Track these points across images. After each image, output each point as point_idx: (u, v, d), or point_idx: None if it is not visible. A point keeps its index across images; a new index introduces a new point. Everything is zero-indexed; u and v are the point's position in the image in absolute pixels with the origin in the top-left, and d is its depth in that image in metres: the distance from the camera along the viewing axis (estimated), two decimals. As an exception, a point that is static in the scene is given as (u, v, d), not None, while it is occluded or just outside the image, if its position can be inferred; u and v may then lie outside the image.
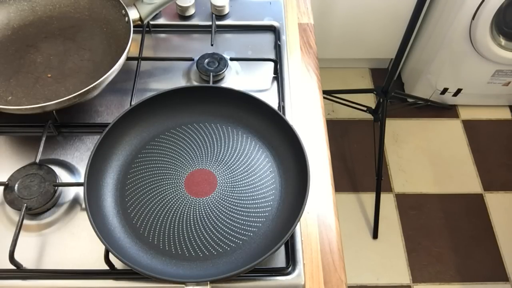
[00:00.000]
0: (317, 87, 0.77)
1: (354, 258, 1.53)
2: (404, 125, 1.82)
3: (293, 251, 0.59)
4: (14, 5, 0.75)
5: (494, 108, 1.85)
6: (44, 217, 0.61)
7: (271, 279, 0.57)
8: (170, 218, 0.59)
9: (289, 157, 0.63)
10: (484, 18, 1.41)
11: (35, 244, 0.59)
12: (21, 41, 0.73)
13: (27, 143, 0.68)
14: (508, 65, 1.59)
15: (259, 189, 0.62)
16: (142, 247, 0.57)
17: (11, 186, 0.61)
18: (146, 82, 0.75)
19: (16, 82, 0.69)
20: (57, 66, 0.71)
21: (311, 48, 0.82)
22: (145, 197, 0.61)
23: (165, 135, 0.66)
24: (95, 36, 0.74)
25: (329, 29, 1.72)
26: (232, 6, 0.84)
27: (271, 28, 0.82)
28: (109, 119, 0.70)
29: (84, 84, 0.63)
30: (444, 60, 1.62)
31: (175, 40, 0.81)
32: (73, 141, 0.69)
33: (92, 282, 0.57)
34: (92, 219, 0.53)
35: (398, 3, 1.59)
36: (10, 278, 0.57)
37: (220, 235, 0.58)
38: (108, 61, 0.69)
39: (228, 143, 0.66)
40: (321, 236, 0.62)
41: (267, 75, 0.76)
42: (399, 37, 1.43)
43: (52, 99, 0.61)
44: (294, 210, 0.57)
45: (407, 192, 1.66)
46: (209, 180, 0.63)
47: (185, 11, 0.82)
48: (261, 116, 0.66)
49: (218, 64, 0.75)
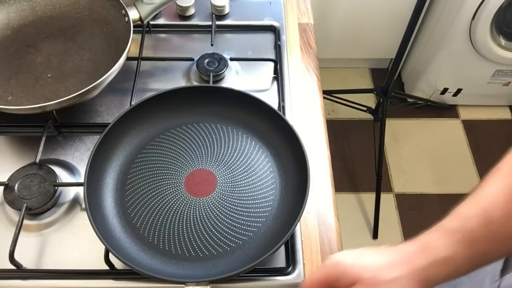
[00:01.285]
0: (317, 87, 0.77)
1: (354, 258, 1.53)
2: (404, 125, 1.81)
3: (293, 251, 0.59)
4: (14, 5, 0.75)
5: (494, 108, 1.85)
6: (44, 217, 0.61)
7: (271, 279, 0.57)
8: (170, 218, 0.59)
9: (289, 157, 0.63)
10: (484, 18, 1.41)
11: (35, 244, 0.59)
12: (21, 41, 0.73)
13: (27, 143, 0.68)
14: (508, 65, 1.59)
15: (259, 189, 0.62)
16: (142, 247, 0.57)
17: (11, 186, 0.60)
18: (146, 82, 0.75)
19: (16, 82, 0.69)
20: (57, 66, 0.71)
21: (311, 48, 0.82)
22: (145, 197, 0.61)
23: (165, 135, 0.66)
24: (95, 36, 0.74)
25: (329, 29, 1.72)
26: (232, 6, 0.84)
27: (271, 28, 0.82)
28: (109, 119, 0.70)
29: (84, 84, 0.63)
30: (444, 60, 1.62)
31: (175, 40, 0.81)
32: (73, 141, 0.68)
33: (92, 282, 0.57)
34: (92, 219, 0.53)
35: (398, 3, 1.59)
36: (10, 278, 0.57)
37: (220, 235, 0.58)
38: (108, 61, 0.69)
39: (228, 143, 0.66)
40: (321, 236, 0.62)
41: (267, 75, 0.76)
42: (399, 37, 1.43)
43: (52, 99, 0.60)
44: (294, 210, 0.57)
45: (407, 192, 1.66)
46: (209, 180, 0.63)
47: (185, 11, 0.82)
48: (261, 116, 0.66)
49: (218, 64, 0.75)
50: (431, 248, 0.42)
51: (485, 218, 0.41)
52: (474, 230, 0.41)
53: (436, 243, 0.42)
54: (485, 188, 0.44)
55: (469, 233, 0.41)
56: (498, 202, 0.42)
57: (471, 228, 0.42)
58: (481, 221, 0.42)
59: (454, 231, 0.42)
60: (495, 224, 0.41)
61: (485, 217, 0.41)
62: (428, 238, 0.43)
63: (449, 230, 0.42)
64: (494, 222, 0.41)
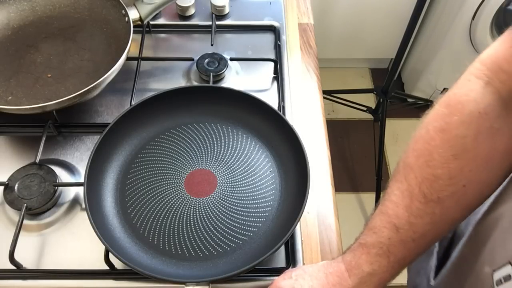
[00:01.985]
0: (317, 87, 0.77)
1: (354, 258, 1.53)
2: (404, 125, 1.81)
3: (293, 251, 0.59)
4: (14, 5, 0.75)
5: (494, 108, 1.85)
6: (44, 217, 0.61)
7: (271, 279, 0.57)
8: (170, 218, 0.59)
9: (289, 157, 0.63)
10: (484, 18, 1.41)
11: (35, 244, 0.59)
12: (21, 41, 0.73)
13: (27, 143, 0.68)
14: (508, 65, 1.59)
15: (259, 189, 0.62)
16: (142, 247, 0.57)
17: (11, 186, 0.60)
18: (146, 82, 0.75)
19: (16, 82, 0.69)
20: (57, 66, 0.71)
21: (311, 48, 0.82)
22: (145, 197, 0.61)
23: (165, 135, 0.66)
24: (95, 36, 0.74)
25: (329, 29, 1.72)
26: (232, 6, 0.84)
27: (271, 28, 0.82)
28: (109, 119, 0.70)
29: (84, 84, 0.63)
30: (444, 60, 1.62)
31: (175, 40, 0.81)
32: (73, 141, 0.68)
33: (92, 282, 0.57)
34: (92, 219, 0.53)
35: (398, 3, 1.59)
36: (10, 278, 0.57)
37: (220, 235, 0.58)
38: (108, 61, 0.69)
39: (228, 143, 0.66)
40: (321, 236, 0.62)
41: (267, 75, 0.76)
42: (399, 37, 1.43)
43: (52, 99, 0.60)
44: (294, 210, 0.57)
45: (407, 192, 1.66)
46: (209, 180, 0.63)
47: (185, 11, 0.82)
48: (261, 116, 0.66)
49: (218, 64, 0.75)
50: (357, 267, 0.46)
51: (392, 227, 0.45)
52: (387, 241, 0.45)
53: (359, 261, 0.46)
54: (388, 196, 0.47)
55: (384, 245, 0.45)
56: (399, 209, 0.45)
57: (384, 239, 0.45)
58: (390, 230, 0.45)
59: (370, 246, 0.46)
60: (401, 231, 0.44)
61: (392, 227, 0.45)
62: (353, 255, 0.47)
63: (367, 245, 0.46)
64: (400, 229, 0.44)
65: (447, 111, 0.44)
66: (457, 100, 0.44)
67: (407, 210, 0.44)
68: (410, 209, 0.44)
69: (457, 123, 0.43)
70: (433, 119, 0.46)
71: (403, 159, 0.47)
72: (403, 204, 0.44)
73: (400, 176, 0.46)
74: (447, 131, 0.43)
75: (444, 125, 0.44)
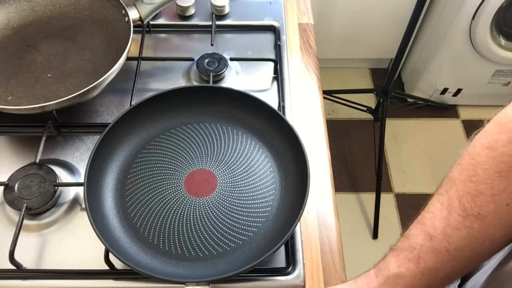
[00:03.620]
0: (317, 87, 0.77)
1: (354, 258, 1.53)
2: (404, 125, 1.82)
3: (293, 251, 0.59)
4: (14, 5, 0.75)
5: (494, 108, 1.84)
6: (44, 217, 0.61)
7: (271, 279, 0.57)
8: (170, 218, 0.59)
9: (289, 157, 0.63)
10: (484, 18, 1.41)
11: (35, 244, 0.59)
12: (21, 41, 0.73)
13: (27, 143, 0.68)
14: (508, 65, 1.59)
15: (259, 189, 0.62)
16: (142, 247, 0.57)
17: (11, 186, 0.60)
18: (146, 82, 0.75)
19: (16, 82, 0.69)
20: (57, 66, 0.71)
21: (311, 48, 0.82)
22: (145, 197, 0.61)
23: (165, 135, 0.66)
24: (95, 36, 0.74)
25: (329, 29, 1.72)
26: (232, 6, 0.84)
27: (271, 28, 0.82)
28: (109, 119, 0.70)
29: (84, 84, 0.63)
30: (444, 60, 1.62)
31: (175, 40, 0.81)
32: (73, 141, 0.68)
33: (92, 282, 0.57)
34: (92, 219, 0.53)
35: (398, 3, 1.59)
36: (10, 278, 0.57)
37: (220, 235, 0.58)
38: (108, 61, 0.69)
39: (228, 143, 0.66)
40: (321, 236, 0.62)
41: (267, 75, 0.76)
42: (399, 37, 1.43)
43: (52, 99, 0.60)
44: (294, 210, 0.57)
45: (407, 192, 1.66)
46: (209, 180, 0.63)
47: (185, 11, 0.82)
48: (261, 116, 0.66)
49: (218, 64, 0.75)
50: (384, 268, 0.46)
51: (426, 235, 0.45)
52: (418, 247, 0.45)
53: (387, 263, 0.47)
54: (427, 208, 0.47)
55: (415, 250, 0.45)
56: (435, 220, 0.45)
57: (415, 245, 0.45)
58: (423, 238, 0.45)
59: (401, 249, 0.46)
60: (435, 240, 0.44)
61: (426, 235, 0.45)
62: (383, 260, 0.48)
63: (398, 249, 0.46)
64: (434, 237, 0.44)
65: (496, 129, 0.44)
66: (507, 120, 0.44)
67: (444, 221, 0.44)
68: (447, 220, 0.44)
69: (505, 142, 0.42)
70: (482, 136, 0.45)
71: (447, 174, 0.47)
72: (441, 215, 0.44)
73: (442, 189, 0.46)
74: (494, 149, 0.42)
75: (492, 142, 0.43)
